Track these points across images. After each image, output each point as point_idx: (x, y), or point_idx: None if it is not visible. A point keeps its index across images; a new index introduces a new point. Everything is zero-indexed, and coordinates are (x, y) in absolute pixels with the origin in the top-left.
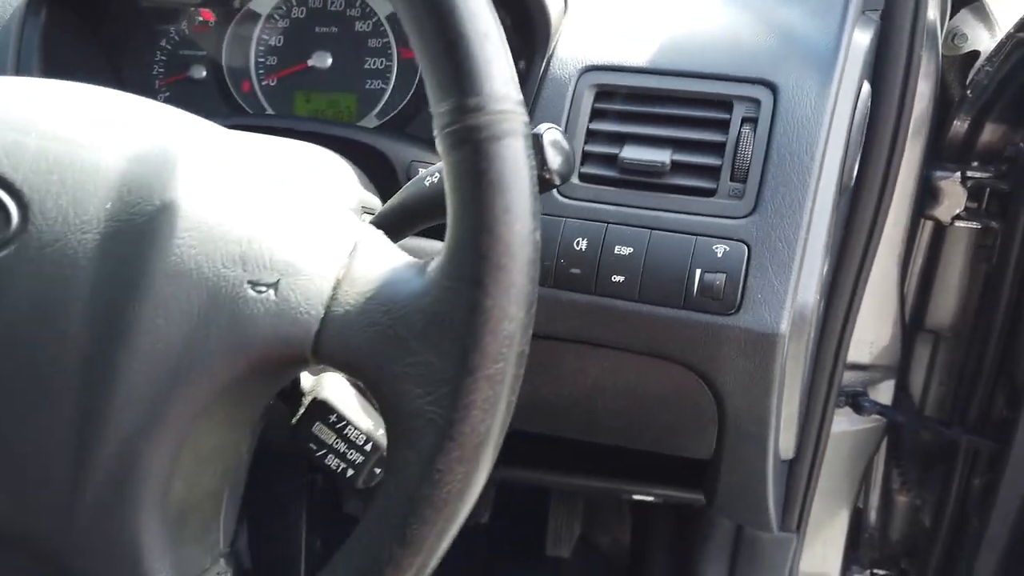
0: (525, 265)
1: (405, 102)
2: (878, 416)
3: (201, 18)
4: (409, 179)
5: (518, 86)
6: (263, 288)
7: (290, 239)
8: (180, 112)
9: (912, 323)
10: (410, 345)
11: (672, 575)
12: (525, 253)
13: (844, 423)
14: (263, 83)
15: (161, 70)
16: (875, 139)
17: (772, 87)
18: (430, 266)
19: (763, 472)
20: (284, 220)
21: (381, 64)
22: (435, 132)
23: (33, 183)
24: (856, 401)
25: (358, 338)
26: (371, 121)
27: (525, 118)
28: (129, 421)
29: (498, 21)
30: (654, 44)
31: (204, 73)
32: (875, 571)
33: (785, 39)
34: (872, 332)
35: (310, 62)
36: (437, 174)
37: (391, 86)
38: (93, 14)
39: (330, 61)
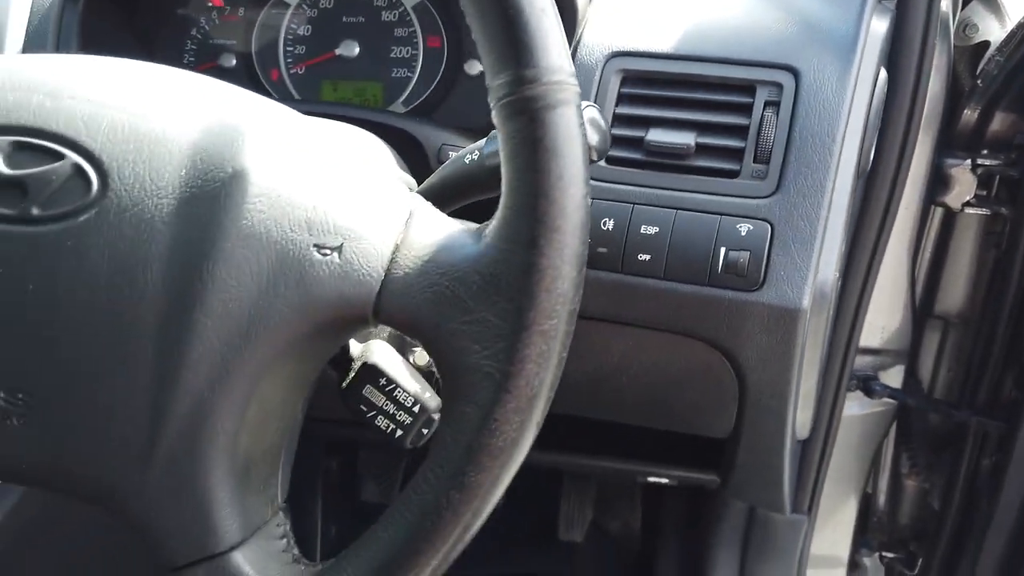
0: (578, 227)
1: (431, 90)
2: (888, 400)
3: (229, 8)
4: (440, 162)
5: (571, 59)
6: (328, 251)
7: (351, 207)
8: (243, 90)
9: (922, 309)
10: (467, 304)
11: (683, 558)
12: (578, 216)
13: (855, 407)
14: (291, 71)
15: (192, 59)
16: (890, 125)
17: (794, 72)
18: (485, 231)
19: (780, 449)
20: (345, 189)
21: (407, 53)
22: (492, 103)
23: (111, 151)
24: (867, 385)
25: (417, 299)
26: (398, 108)
27: (578, 89)
28: (202, 376)
29: None
30: (679, 31)
31: (234, 62)
32: (884, 554)
33: (806, 26)
34: (883, 317)
35: (338, 51)
36: (476, 152)
37: (416, 74)
38: (127, 3)
39: (357, 50)
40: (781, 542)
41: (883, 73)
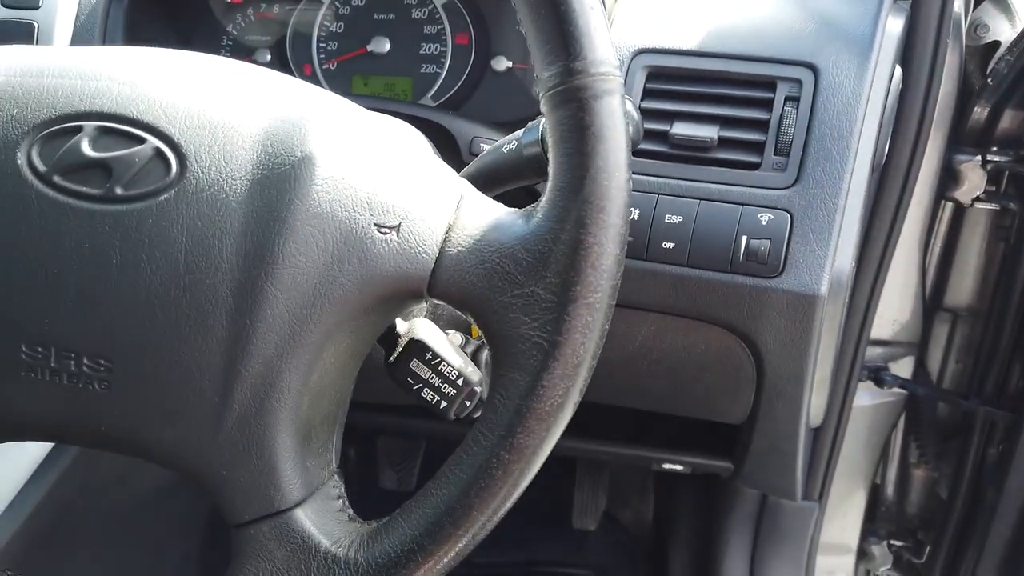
0: (621, 208)
1: (459, 86)
2: (898, 391)
3: (264, 5)
4: (472, 154)
5: (614, 52)
6: (387, 230)
7: (408, 190)
8: (303, 81)
9: (931, 302)
10: (517, 279)
11: (696, 546)
12: (622, 197)
13: (865, 397)
14: (323, 67)
15: (228, 54)
16: (904, 121)
17: (813, 69)
18: (534, 211)
19: (795, 436)
20: (401, 174)
21: (436, 50)
22: (541, 93)
23: (188, 136)
24: (877, 375)
25: (470, 275)
26: (427, 103)
27: (621, 80)
28: (272, 343)
29: None
30: (702, 28)
31: (268, 57)
32: (892, 542)
33: (825, 25)
34: (894, 309)
35: (369, 47)
36: (514, 142)
37: (445, 70)
38: (170, 1)
39: (388, 46)
40: (792, 529)
41: (898, 71)
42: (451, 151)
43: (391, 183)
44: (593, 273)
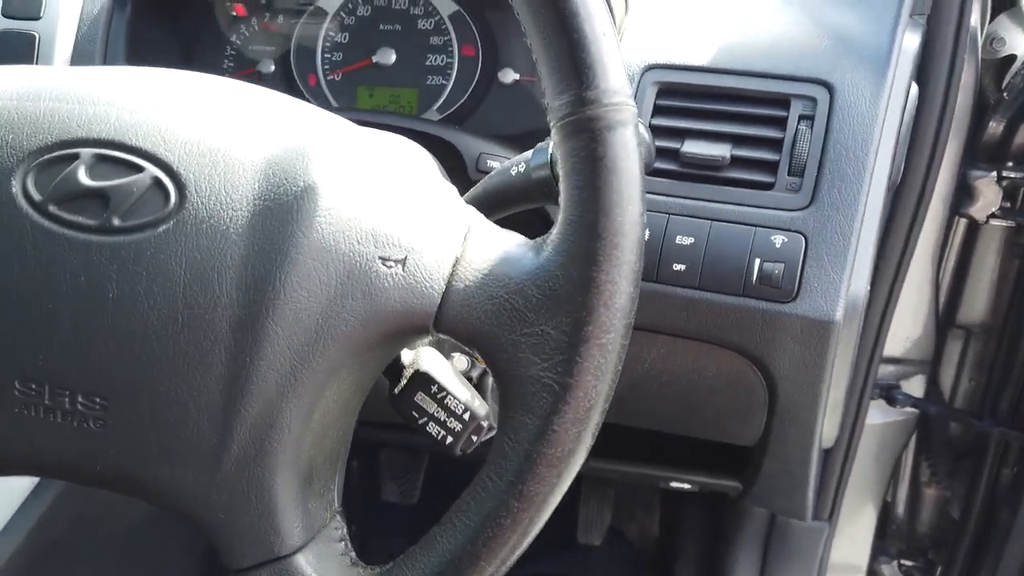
0: (635, 243)
1: (465, 98)
2: (910, 409)
3: (268, 15)
4: (478, 171)
5: (627, 80)
6: (392, 264)
7: (414, 221)
8: (304, 103)
9: (944, 318)
10: (527, 317)
11: (702, 564)
12: (635, 232)
13: (876, 415)
14: (328, 77)
15: (231, 64)
16: (919, 138)
17: (828, 86)
18: (544, 245)
19: (807, 459)
20: (407, 204)
21: (442, 61)
22: (552, 121)
23: (188, 165)
24: (889, 394)
25: (477, 310)
26: (432, 115)
27: (635, 110)
28: (273, 381)
29: (612, 21)
30: (714, 44)
31: (272, 68)
32: (903, 562)
33: (839, 41)
34: (906, 326)
35: (374, 58)
36: (523, 164)
37: (451, 82)
38: (173, 10)
39: (393, 58)
40: (801, 549)
41: (913, 87)
42: (457, 167)
43: (396, 213)
44: (606, 312)
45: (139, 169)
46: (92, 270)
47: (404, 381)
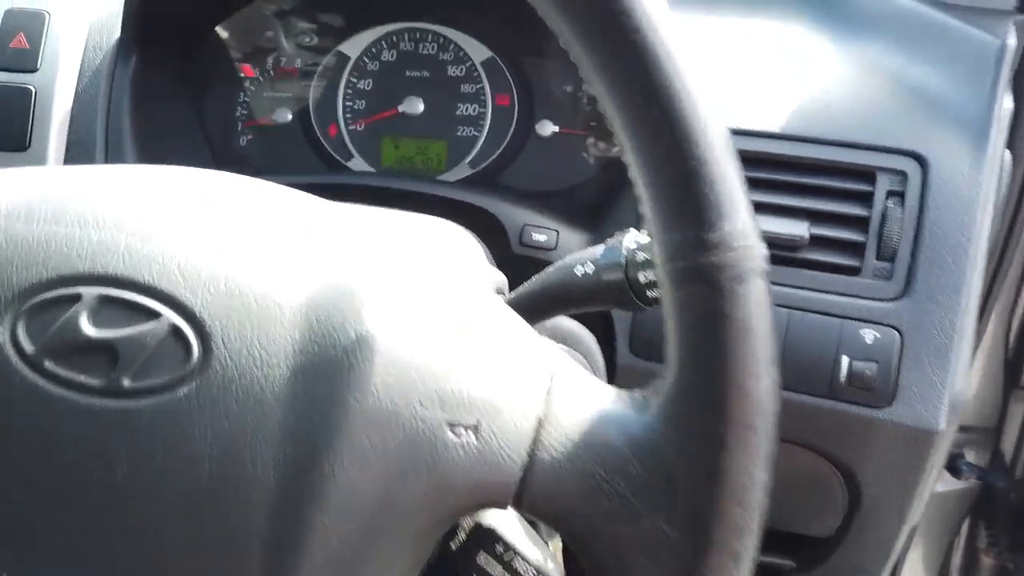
0: (772, 423)
1: (499, 152)
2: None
3: (284, 59)
4: (522, 243)
5: (755, 216)
6: (462, 431)
7: (487, 373)
8: (350, 211)
9: (1009, 379)
10: (632, 505)
11: None
12: (772, 408)
13: (938, 484)
14: (350, 128)
15: (244, 112)
16: (1014, 208)
17: (920, 159)
18: (649, 408)
19: (887, 555)
20: (477, 350)
21: (474, 111)
22: (658, 259)
23: (213, 309)
24: (953, 464)
25: (569, 489)
26: (463, 169)
27: (766, 253)
28: None
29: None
30: (789, 110)
31: (289, 117)
32: None
33: (931, 108)
34: (973, 387)
35: (400, 107)
36: (590, 264)
37: (484, 134)
38: (182, 57)
39: (421, 107)
40: None
41: (1007, 154)
42: (495, 235)
43: (466, 365)
44: (740, 512)
45: (154, 315)
46: (97, 442)
47: (463, 535)
